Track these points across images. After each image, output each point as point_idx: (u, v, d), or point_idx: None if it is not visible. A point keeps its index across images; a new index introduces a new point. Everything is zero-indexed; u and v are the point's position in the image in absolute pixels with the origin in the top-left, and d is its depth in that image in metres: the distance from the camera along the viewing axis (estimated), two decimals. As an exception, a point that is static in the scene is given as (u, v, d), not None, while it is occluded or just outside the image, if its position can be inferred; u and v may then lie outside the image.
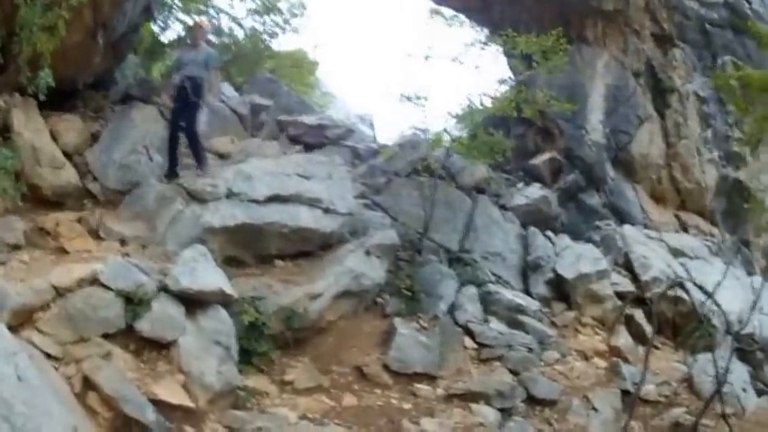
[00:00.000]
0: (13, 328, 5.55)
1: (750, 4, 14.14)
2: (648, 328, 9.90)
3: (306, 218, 8.93)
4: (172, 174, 9.29)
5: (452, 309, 9.26)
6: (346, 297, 8.47)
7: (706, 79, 13.30)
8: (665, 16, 13.30)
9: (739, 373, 9.02)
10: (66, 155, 8.99)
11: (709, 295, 8.26)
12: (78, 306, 6.16)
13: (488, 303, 9.53)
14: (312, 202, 9.11)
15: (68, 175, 8.81)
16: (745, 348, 9.35)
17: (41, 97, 7.49)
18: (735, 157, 13.28)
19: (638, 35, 13.32)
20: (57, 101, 8.66)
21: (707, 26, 13.60)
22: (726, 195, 13.31)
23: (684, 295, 9.85)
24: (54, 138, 8.96)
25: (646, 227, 12.52)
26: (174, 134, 9.44)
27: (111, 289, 6.38)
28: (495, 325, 9.17)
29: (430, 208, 10.34)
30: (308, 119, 13.37)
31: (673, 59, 13.37)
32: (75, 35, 8.27)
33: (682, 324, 10.17)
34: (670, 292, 9.33)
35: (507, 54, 13.31)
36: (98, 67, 9.74)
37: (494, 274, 10.33)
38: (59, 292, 6.20)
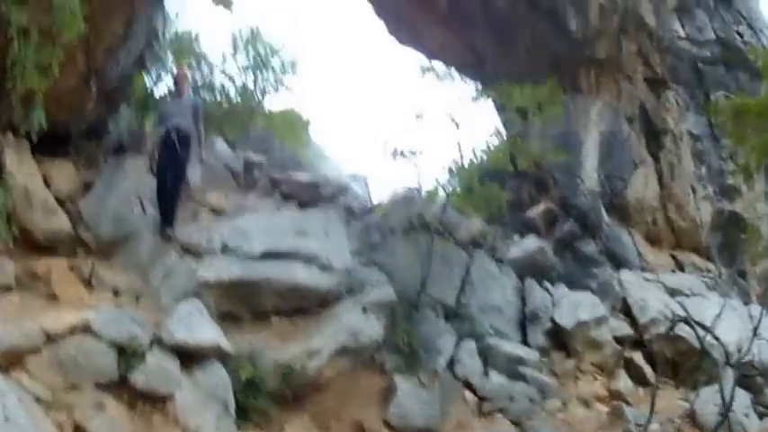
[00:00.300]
0: (1, 368, 5.38)
1: (742, 36, 14.31)
2: (648, 370, 9.92)
3: (302, 275, 8.73)
4: (164, 230, 9.10)
5: (452, 363, 9.12)
6: (344, 354, 8.27)
7: (699, 117, 13.36)
8: (657, 60, 13.40)
9: (741, 399, 8.86)
10: (59, 201, 8.74)
11: (708, 330, 8.32)
12: (70, 353, 5.96)
13: (488, 356, 9.38)
14: (308, 259, 8.92)
15: (61, 222, 8.53)
16: (745, 374, 9.31)
17: (34, 138, 7.32)
18: (729, 190, 13.25)
19: (631, 80, 13.40)
20: (50, 146, 8.50)
21: (699, 65, 13.73)
22: (722, 229, 13.23)
23: (683, 333, 9.80)
24: (46, 183, 8.74)
25: (642, 269, 12.43)
26: (163, 188, 9.24)
27: (103, 338, 6.17)
28: (496, 377, 9.05)
29: (426, 264, 10.21)
30: (302, 176, 13.32)
31: (666, 102, 13.41)
32: (68, 79, 8.21)
33: (681, 362, 10.07)
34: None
35: (499, 108, 13.38)
36: (91, 115, 9.65)
37: (492, 328, 10.15)
38: (50, 338, 5.98)
